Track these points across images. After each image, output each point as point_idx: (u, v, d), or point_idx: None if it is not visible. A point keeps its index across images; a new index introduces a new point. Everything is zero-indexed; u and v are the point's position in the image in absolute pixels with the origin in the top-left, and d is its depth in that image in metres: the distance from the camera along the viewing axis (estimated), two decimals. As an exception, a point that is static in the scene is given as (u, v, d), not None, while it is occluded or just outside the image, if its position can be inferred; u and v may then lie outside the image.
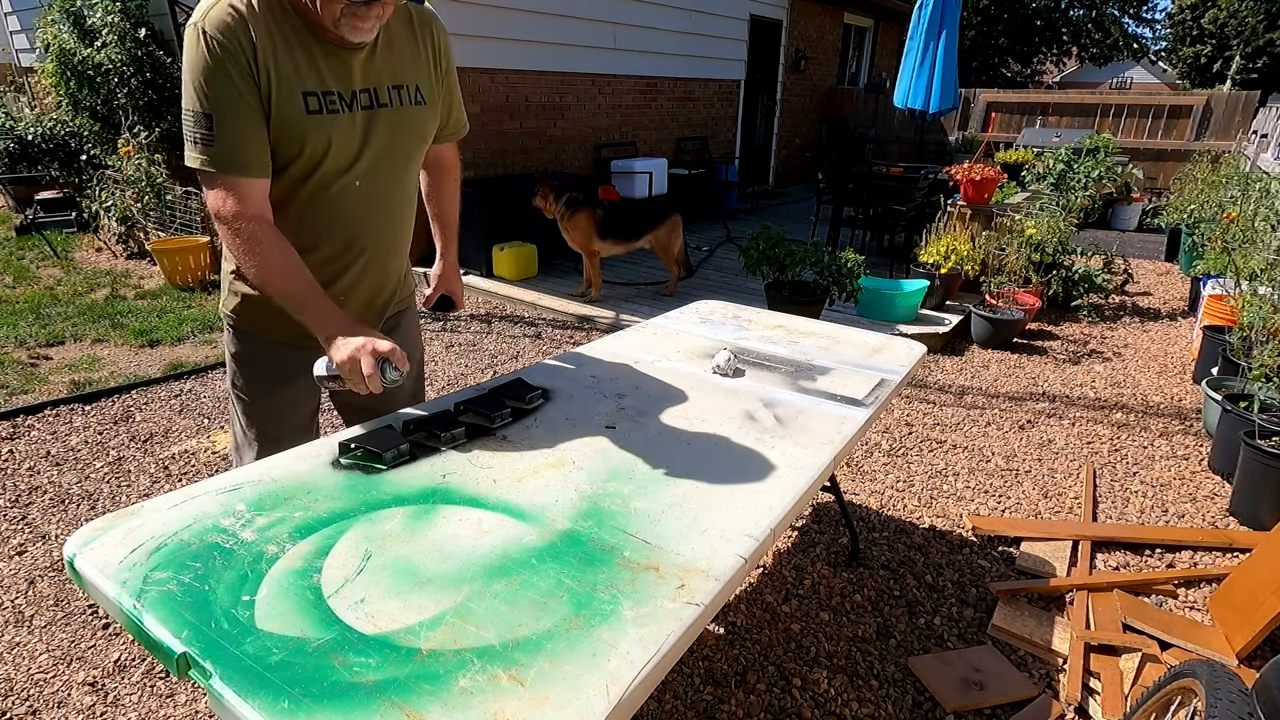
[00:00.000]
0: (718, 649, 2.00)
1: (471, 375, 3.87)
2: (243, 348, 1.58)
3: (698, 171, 8.21)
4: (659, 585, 1.00)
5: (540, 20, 6.27)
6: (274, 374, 1.59)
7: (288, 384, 1.60)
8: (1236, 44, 22.10)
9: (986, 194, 5.35)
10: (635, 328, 2.17)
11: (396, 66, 1.44)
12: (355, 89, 1.38)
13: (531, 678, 0.83)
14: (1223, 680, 1.33)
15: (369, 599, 0.95)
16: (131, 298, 5.00)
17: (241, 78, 1.24)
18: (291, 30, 1.29)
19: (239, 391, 1.62)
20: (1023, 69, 23.66)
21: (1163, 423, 3.50)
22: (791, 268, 4.14)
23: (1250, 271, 3.39)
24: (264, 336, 1.55)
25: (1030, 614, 2.15)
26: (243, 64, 1.24)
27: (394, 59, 1.43)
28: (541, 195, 4.87)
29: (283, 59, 1.28)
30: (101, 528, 1.06)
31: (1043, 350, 4.49)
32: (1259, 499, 2.59)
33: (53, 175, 7.38)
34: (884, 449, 3.19)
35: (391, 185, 1.51)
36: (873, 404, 1.65)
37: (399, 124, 1.46)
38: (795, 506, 1.23)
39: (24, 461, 2.89)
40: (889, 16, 12.59)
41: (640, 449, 1.38)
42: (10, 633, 2.02)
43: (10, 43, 9.81)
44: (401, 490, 1.21)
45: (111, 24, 6.22)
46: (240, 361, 1.59)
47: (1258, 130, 8.99)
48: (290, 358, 1.56)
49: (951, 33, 6.25)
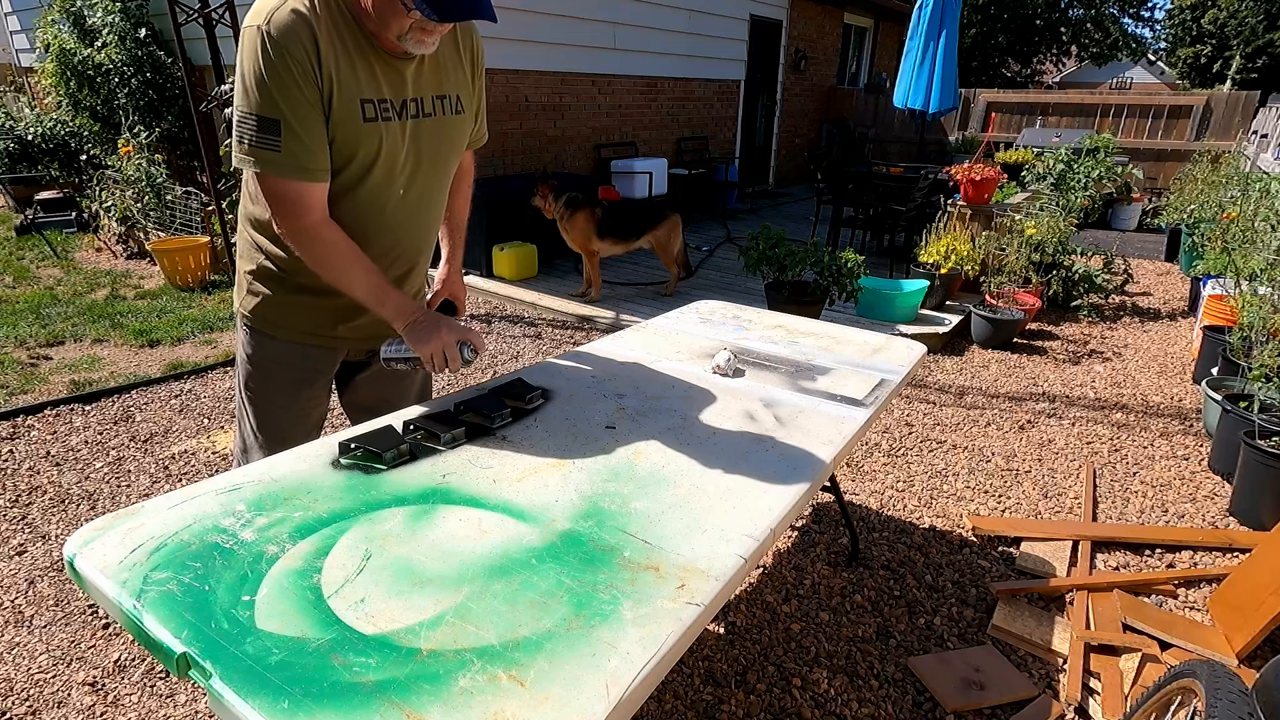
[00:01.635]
0: (718, 649, 2.00)
1: (471, 375, 3.87)
2: (262, 349, 1.57)
3: (698, 171, 8.21)
4: (659, 585, 1.00)
5: (540, 20, 6.27)
6: (294, 375, 1.59)
7: (307, 385, 1.61)
8: (1236, 44, 22.10)
9: (986, 194, 5.35)
10: (635, 328, 2.17)
11: (441, 77, 1.45)
12: (407, 98, 1.39)
13: (531, 678, 0.83)
14: (1223, 680, 1.33)
15: (369, 599, 0.95)
16: (131, 298, 5.00)
17: (306, 82, 1.24)
18: (350, 36, 1.29)
19: (252, 394, 1.61)
20: (1022, 69, 23.67)
21: (1163, 423, 3.50)
22: (791, 268, 4.14)
23: (1250, 271, 3.39)
24: (284, 338, 1.54)
25: (1030, 614, 2.15)
26: (308, 68, 1.23)
27: (439, 69, 1.44)
28: (541, 195, 4.87)
29: (343, 65, 1.28)
30: (101, 528, 1.06)
31: (1043, 350, 4.49)
32: (1259, 499, 2.59)
33: (53, 175, 7.38)
34: (884, 449, 3.19)
35: (431, 194, 1.53)
36: (873, 404, 1.65)
37: (441, 134, 1.48)
38: (795, 506, 1.23)
39: (24, 461, 2.89)
40: (889, 16, 12.59)
41: (640, 449, 1.38)
42: (10, 633, 2.02)
43: (10, 43, 9.81)
44: (401, 490, 1.21)
45: (111, 24, 6.23)
46: (258, 363, 1.58)
47: (1258, 130, 8.99)
48: (314, 357, 1.57)
49: (951, 33, 6.25)
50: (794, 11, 9.85)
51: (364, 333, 1.58)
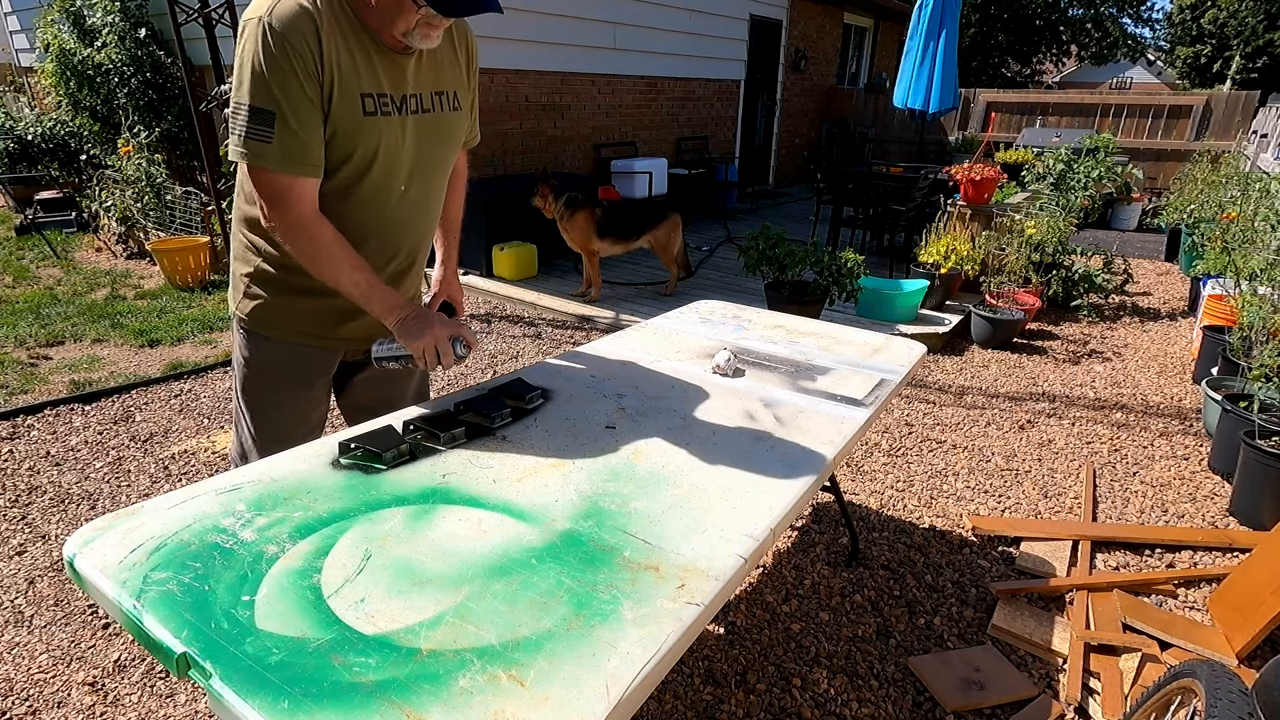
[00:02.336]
0: (718, 649, 2.00)
1: (471, 375, 3.87)
2: (259, 352, 1.55)
3: (698, 171, 8.21)
4: (659, 585, 1.00)
5: (540, 20, 6.27)
6: (293, 377, 1.57)
7: (306, 386, 1.60)
8: (1236, 44, 22.10)
9: (986, 194, 5.35)
10: (635, 328, 2.17)
11: (439, 73, 1.45)
12: (407, 93, 1.39)
13: (531, 678, 0.83)
14: (1223, 680, 1.33)
15: (369, 599, 0.95)
16: (131, 298, 5.00)
17: (306, 75, 1.23)
18: (350, 30, 1.29)
19: (249, 398, 1.59)
20: (1022, 68, 23.67)
21: (1163, 423, 3.50)
22: (791, 268, 4.14)
23: (1250, 271, 3.39)
24: (281, 340, 1.53)
25: (1030, 614, 2.15)
26: (309, 61, 1.23)
27: (437, 65, 1.45)
28: (541, 195, 4.87)
29: (344, 59, 1.28)
30: (101, 528, 1.06)
31: (1043, 350, 4.49)
32: (1259, 499, 2.59)
33: (53, 175, 7.39)
34: (884, 449, 3.19)
35: (430, 191, 1.53)
36: (873, 404, 1.65)
37: (439, 130, 1.47)
38: (795, 506, 1.23)
39: (24, 461, 2.89)
40: (889, 16, 12.59)
41: (640, 449, 1.38)
42: (10, 633, 2.02)
43: (10, 43, 9.81)
44: (401, 490, 1.21)
45: (111, 24, 6.23)
46: (255, 366, 1.57)
47: (1258, 130, 8.98)
48: (312, 358, 1.56)
49: (951, 32, 6.25)
50: (794, 11, 9.85)
51: (364, 333, 1.56)
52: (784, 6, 9.66)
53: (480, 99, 1.68)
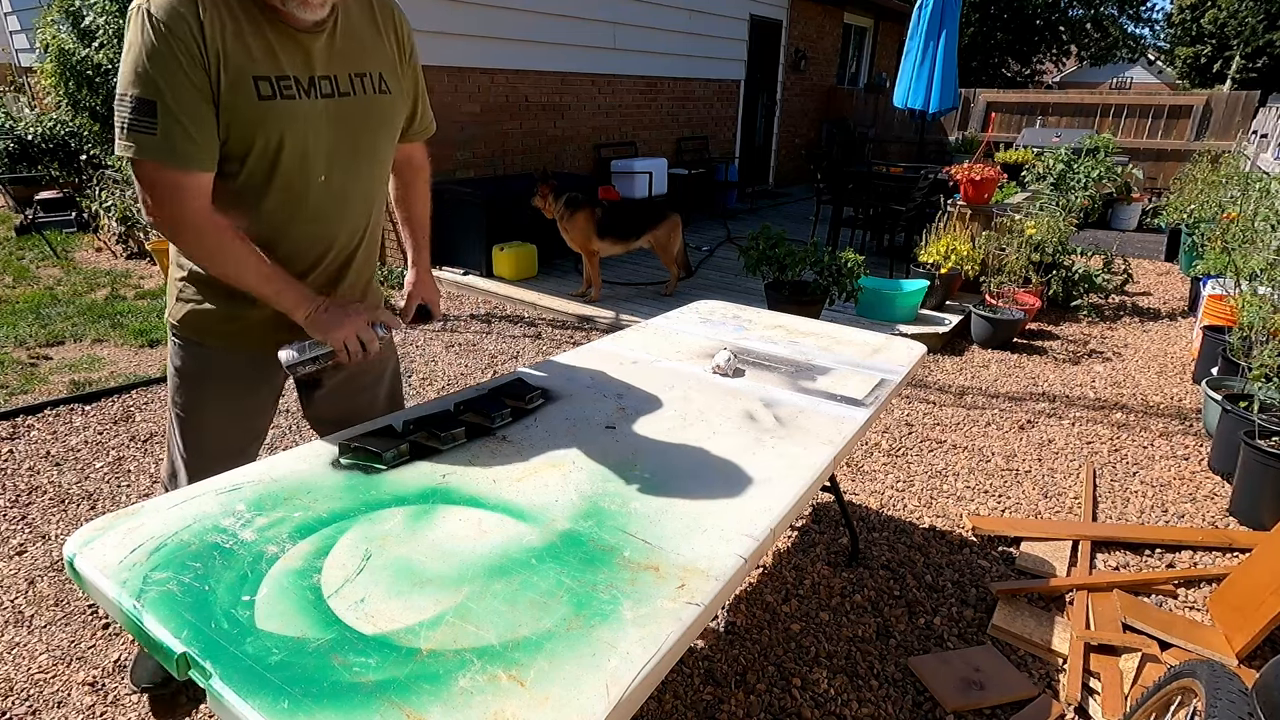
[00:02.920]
0: (718, 649, 2.00)
1: (471, 375, 3.87)
2: (195, 361, 1.48)
3: (698, 171, 8.21)
4: (659, 585, 1.00)
5: (540, 20, 6.27)
6: (232, 385, 1.50)
7: (250, 394, 1.53)
8: (1236, 44, 22.10)
9: (986, 194, 5.35)
10: (635, 327, 2.17)
11: (358, 54, 1.37)
12: (315, 75, 1.30)
13: (531, 678, 0.83)
14: (1223, 680, 1.33)
15: (369, 599, 0.95)
16: (131, 298, 5.00)
17: (190, 63, 1.16)
18: (243, 10, 1.21)
19: (180, 409, 1.52)
20: (1022, 69, 23.68)
21: (1163, 423, 3.50)
22: (791, 268, 4.14)
23: (1250, 271, 3.39)
24: (218, 347, 1.45)
25: (1030, 614, 2.15)
26: (191, 47, 1.16)
27: (354, 46, 1.36)
28: (541, 195, 4.87)
29: (232, 42, 1.20)
30: (101, 528, 1.06)
31: (1043, 350, 4.49)
32: (1259, 499, 2.59)
33: (52, 175, 7.38)
34: (884, 449, 3.19)
35: (360, 181, 1.43)
36: (873, 404, 1.65)
37: (364, 114, 1.39)
38: (795, 506, 1.23)
39: (24, 461, 2.89)
40: (889, 16, 12.59)
41: (640, 449, 1.38)
42: (10, 633, 2.02)
43: (10, 43, 9.81)
44: (401, 490, 1.21)
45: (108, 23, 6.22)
46: (189, 376, 1.49)
47: (1258, 130, 8.99)
48: (255, 362, 1.48)
49: (951, 32, 6.25)
50: (794, 11, 9.85)
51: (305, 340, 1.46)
52: (784, 6, 9.66)
53: (480, 99, 1.65)
